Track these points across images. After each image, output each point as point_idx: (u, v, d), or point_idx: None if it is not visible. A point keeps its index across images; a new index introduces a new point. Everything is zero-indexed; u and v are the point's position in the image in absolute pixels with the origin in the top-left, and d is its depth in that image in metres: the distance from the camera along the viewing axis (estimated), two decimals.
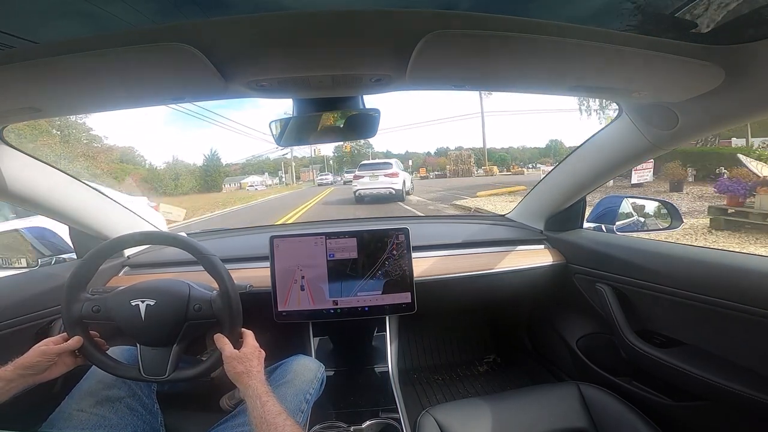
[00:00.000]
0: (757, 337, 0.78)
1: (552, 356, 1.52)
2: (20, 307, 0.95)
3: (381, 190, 10.41)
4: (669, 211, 1.28)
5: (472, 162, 30.11)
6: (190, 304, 0.79)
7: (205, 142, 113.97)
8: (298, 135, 0.81)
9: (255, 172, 50.60)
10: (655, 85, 0.70)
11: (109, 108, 0.75)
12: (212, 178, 36.93)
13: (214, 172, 37.66)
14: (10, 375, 0.68)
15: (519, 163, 41.13)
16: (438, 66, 0.60)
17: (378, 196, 10.48)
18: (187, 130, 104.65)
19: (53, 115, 0.76)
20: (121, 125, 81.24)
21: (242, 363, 0.73)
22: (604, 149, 1.06)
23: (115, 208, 1.24)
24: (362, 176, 10.72)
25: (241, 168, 57.26)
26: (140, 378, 0.78)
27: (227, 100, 0.76)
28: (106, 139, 29.35)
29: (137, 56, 0.51)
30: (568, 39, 0.52)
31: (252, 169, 54.35)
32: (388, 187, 10.41)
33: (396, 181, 10.57)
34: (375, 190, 10.46)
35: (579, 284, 1.26)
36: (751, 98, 0.66)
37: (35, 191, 0.97)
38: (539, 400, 0.99)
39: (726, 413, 0.86)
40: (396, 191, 10.48)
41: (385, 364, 1.21)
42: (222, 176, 39.51)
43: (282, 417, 0.64)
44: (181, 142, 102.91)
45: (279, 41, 0.51)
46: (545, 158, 42.88)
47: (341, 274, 1.13)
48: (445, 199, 11.48)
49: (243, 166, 58.05)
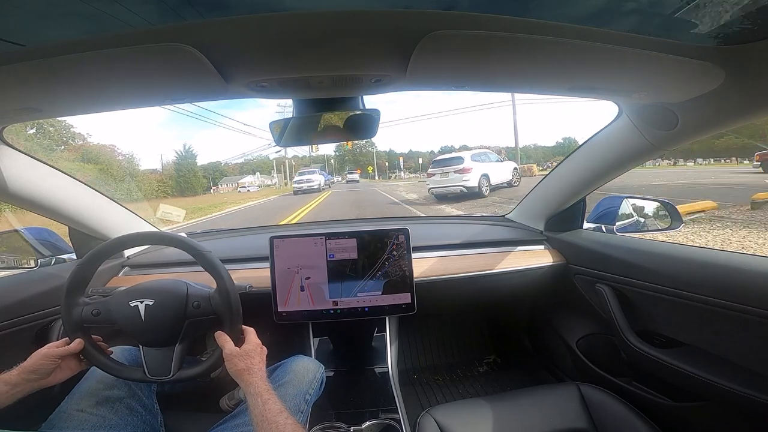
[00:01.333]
0: (757, 337, 0.78)
1: (552, 357, 1.52)
2: (20, 307, 0.95)
3: (451, 188, 9.25)
4: (669, 211, 1.28)
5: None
6: (189, 302, 0.79)
7: (205, 142, 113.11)
8: (298, 135, 0.81)
9: (252, 172, 49.45)
10: (655, 85, 0.70)
11: (109, 108, 0.75)
12: (186, 180, 32.22)
13: (188, 173, 33.05)
14: (15, 379, 0.68)
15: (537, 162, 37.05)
16: (438, 66, 0.60)
17: (449, 194, 9.38)
18: (187, 130, 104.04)
19: (54, 115, 0.76)
20: (109, 124, 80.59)
21: (244, 360, 0.73)
22: (604, 150, 1.06)
23: (114, 208, 1.24)
24: (434, 174, 9.76)
25: (240, 167, 56.15)
26: (145, 379, 0.78)
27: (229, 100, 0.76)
28: (89, 137, 27.62)
29: (138, 57, 0.51)
30: (568, 39, 0.52)
31: (250, 169, 53.41)
32: (458, 185, 9.15)
33: (468, 177, 9.13)
34: (445, 188, 9.38)
35: (579, 285, 1.26)
36: (751, 98, 0.66)
37: (35, 191, 0.97)
38: (539, 401, 0.99)
39: (726, 413, 0.86)
40: (468, 189, 9.06)
41: (385, 365, 1.21)
42: (199, 177, 35.16)
43: (283, 415, 0.64)
44: (176, 142, 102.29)
45: (279, 42, 0.51)
46: (558, 157, 40.21)
47: (341, 275, 1.13)
48: None
49: (242, 166, 56.87)
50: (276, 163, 45.25)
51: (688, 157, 12.82)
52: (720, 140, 17.06)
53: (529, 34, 0.50)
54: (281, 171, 41.44)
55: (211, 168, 52.11)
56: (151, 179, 30.10)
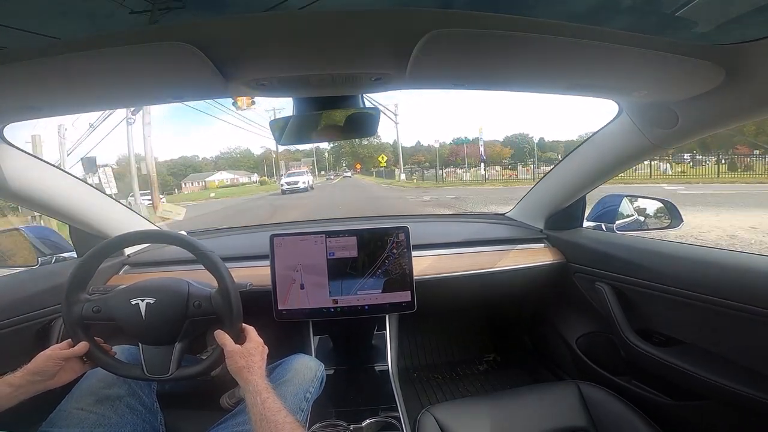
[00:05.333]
0: (757, 337, 0.78)
1: (552, 355, 1.52)
2: (21, 305, 0.95)
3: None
4: (668, 210, 1.28)
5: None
6: (190, 301, 0.79)
7: (182, 132, 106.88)
8: (299, 134, 0.81)
9: (228, 168, 44.79)
10: (655, 84, 0.70)
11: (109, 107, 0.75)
12: (143, 179, 25.37)
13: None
14: (19, 381, 0.68)
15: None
16: (438, 65, 0.60)
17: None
18: (161, 120, 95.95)
19: (53, 114, 0.77)
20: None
21: (244, 358, 0.73)
22: (604, 148, 1.06)
23: (115, 206, 1.25)
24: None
25: (214, 163, 50.20)
26: (144, 377, 0.78)
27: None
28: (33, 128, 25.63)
29: (138, 55, 0.51)
30: (568, 38, 0.52)
31: (226, 164, 48.49)
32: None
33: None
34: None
35: (579, 283, 1.26)
36: (751, 97, 0.66)
37: (35, 190, 0.97)
38: (539, 399, 0.99)
39: (726, 413, 0.86)
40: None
41: (385, 363, 1.21)
42: (163, 176, 31.17)
43: (282, 414, 0.64)
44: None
45: (279, 40, 0.51)
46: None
47: (341, 273, 1.13)
48: None
49: (216, 161, 50.92)
50: (260, 160, 39.70)
51: None
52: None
53: (528, 32, 0.50)
54: (262, 168, 36.24)
55: (182, 164, 47.10)
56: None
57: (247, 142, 69.44)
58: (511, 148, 43.13)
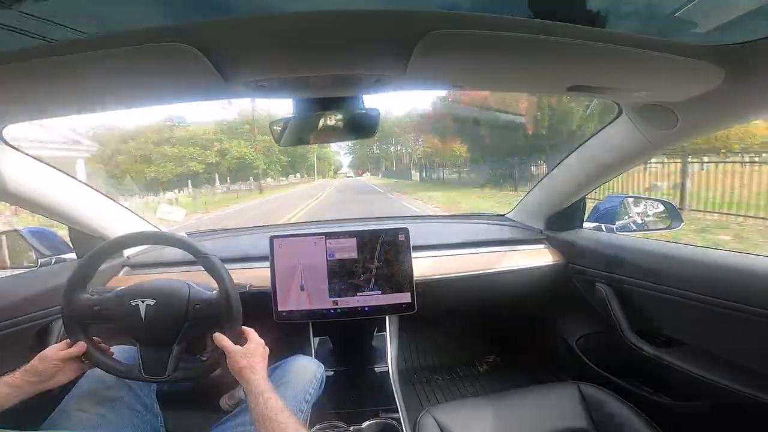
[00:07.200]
0: (757, 337, 0.78)
1: (552, 356, 1.52)
2: (20, 306, 0.95)
3: None
4: (668, 210, 1.28)
5: None
6: (190, 304, 0.79)
7: None
8: (299, 135, 0.81)
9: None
10: (655, 85, 0.70)
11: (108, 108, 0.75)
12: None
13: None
14: (17, 381, 0.68)
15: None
16: (438, 66, 0.60)
17: None
18: None
19: (53, 115, 0.76)
20: None
21: (246, 358, 0.73)
22: (604, 149, 1.06)
23: (115, 208, 1.24)
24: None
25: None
26: (140, 378, 0.78)
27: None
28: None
29: (137, 57, 0.51)
30: (567, 39, 0.52)
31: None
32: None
33: None
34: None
35: (579, 284, 1.26)
36: (751, 98, 0.66)
37: (35, 191, 0.97)
38: (539, 400, 0.99)
39: (726, 413, 0.86)
40: None
41: (385, 364, 1.21)
42: None
43: (284, 414, 0.64)
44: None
45: (279, 41, 0.51)
46: None
47: (341, 274, 1.13)
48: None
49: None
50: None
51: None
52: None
53: (528, 33, 0.50)
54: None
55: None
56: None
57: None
58: None
